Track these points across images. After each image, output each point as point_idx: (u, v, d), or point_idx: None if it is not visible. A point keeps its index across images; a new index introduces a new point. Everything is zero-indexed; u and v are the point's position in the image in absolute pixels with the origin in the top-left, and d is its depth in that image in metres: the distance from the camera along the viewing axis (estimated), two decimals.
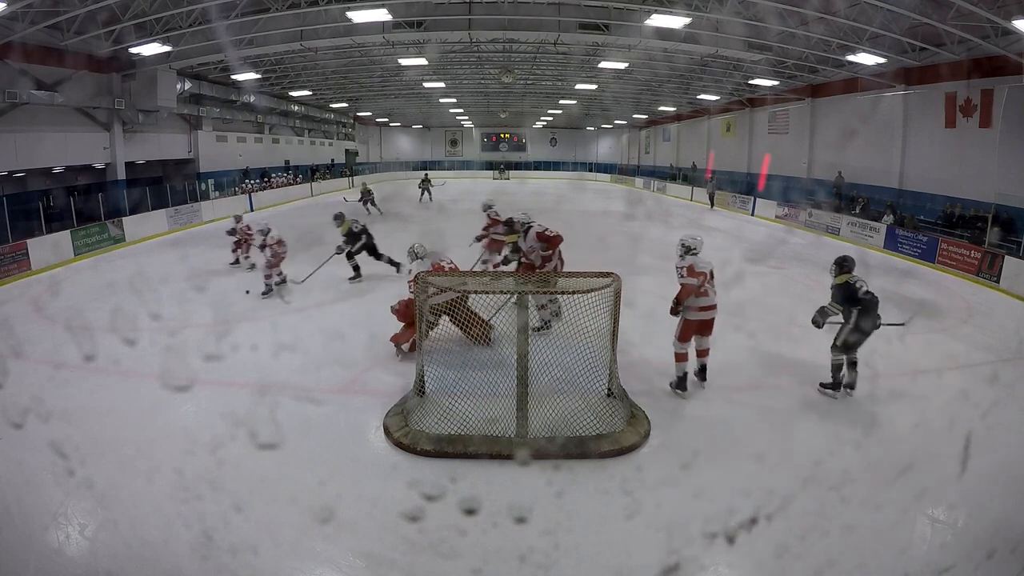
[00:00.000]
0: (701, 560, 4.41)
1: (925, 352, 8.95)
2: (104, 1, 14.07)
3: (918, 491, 5.19)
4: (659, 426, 6.26)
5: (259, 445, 5.88)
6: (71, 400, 6.97)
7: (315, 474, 5.45)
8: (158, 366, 8.06)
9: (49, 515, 4.77)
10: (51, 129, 18.82)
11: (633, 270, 11.53)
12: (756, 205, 26.98)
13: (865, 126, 22.23)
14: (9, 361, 8.23)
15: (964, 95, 17.28)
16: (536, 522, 4.80)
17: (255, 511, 4.91)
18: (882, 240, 18.49)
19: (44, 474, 5.31)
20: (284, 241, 12.01)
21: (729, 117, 33.34)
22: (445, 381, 6.60)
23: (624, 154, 53.86)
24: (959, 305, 12.22)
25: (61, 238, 15.65)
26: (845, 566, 4.30)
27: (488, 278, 7.39)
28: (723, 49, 18.89)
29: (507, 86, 29.23)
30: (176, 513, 4.81)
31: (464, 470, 5.51)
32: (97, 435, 6.10)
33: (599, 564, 4.38)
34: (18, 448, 5.65)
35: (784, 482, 5.37)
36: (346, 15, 16.18)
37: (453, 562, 4.38)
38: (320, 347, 8.69)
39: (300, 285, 12.25)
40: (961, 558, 4.39)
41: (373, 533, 4.68)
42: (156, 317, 10.28)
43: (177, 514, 4.79)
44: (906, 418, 6.66)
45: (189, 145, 26.83)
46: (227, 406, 6.82)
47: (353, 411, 6.76)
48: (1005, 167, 15.65)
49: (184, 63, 20.72)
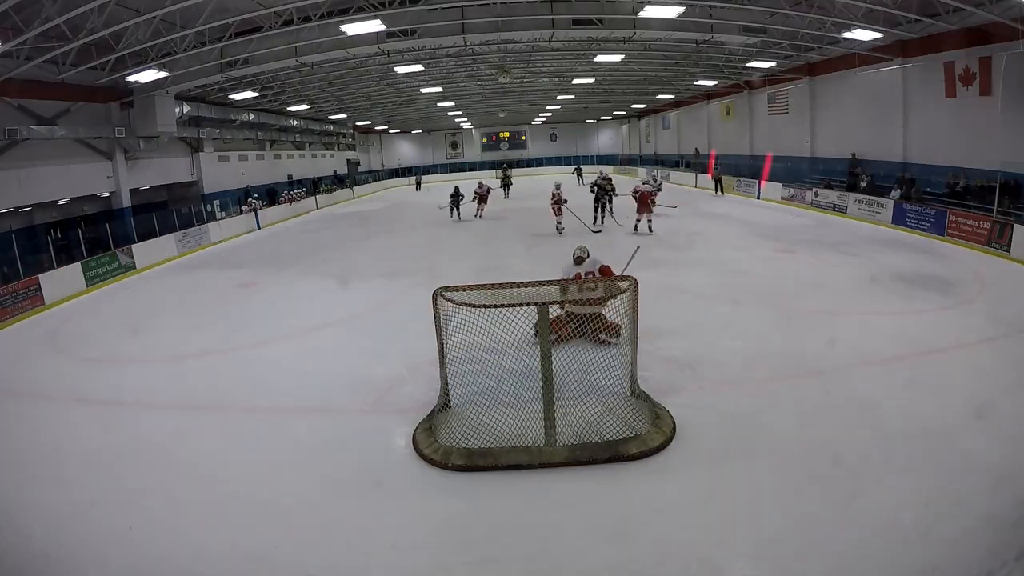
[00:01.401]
0: (734, 561, 4.46)
1: (941, 329, 8.92)
2: (98, 32, 14.10)
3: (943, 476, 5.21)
4: (684, 424, 6.28)
5: (294, 468, 5.95)
6: (104, 437, 7.05)
7: (350, 495, 5.52)
8: (185, 393, 8.16)
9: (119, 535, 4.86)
10: (53, 162, 18.90)
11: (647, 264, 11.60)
12: (761, 188, 26.87)
13: (865, 101, 22.13)
14: (38, 402, 8.33)
15: (963, 64, 17.14)
16: (573, 531, 4.84)
17: (300, 533, 4.98)
18: (890, 216, 18.39)
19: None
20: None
21: (728, 101, 33.23)
22: (469, 393, 6.63)
23: (625, 145, 53.83)
24: (969, 277, 12.13)
25: (72, 270, 15.75)
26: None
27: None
28: (718, 35, 18.83)
29: (504, 86, 29.20)
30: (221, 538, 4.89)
31: (498, 482, 5.55)
32: (133, 467, 6.17)
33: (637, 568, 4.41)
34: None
35: (808, 474, 5.39)
36: (340, 28, 16.20)
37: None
38: (344, 365, 8.77)
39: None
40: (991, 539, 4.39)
41: (420, 552, 4.73)
42: (175, 344, 10.38)
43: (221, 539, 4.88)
44: (926, 398, 6.66)
45: (192, 167, 26.94)
46: (256, 430, 6.91)
47: (381, 429, 6.79)
48: (1008, 134, 15.53)
49: (181, 87, 20.79)
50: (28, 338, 11.84)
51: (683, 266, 13.72)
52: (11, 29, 13.23)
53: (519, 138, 55.70)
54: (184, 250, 21.17)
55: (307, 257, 18.33)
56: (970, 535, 4.44)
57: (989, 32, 15.77)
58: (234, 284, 15.09)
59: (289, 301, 13.01)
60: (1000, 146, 15.66)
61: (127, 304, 14.25)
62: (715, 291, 11.60)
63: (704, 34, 18.70)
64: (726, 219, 21.17)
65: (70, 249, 16.99)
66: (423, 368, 7.98)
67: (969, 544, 4.35)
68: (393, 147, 55.10)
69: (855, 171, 21.95)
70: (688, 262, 14.19)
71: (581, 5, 17.09)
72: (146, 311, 13.32)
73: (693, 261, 14.33)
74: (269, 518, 5.17)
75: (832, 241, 16.27)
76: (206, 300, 13.84)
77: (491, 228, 18.95)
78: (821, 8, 16.81)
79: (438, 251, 17.60)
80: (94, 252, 17.09)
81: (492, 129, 54.41)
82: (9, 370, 9.91)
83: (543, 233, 18.69)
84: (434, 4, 16.11)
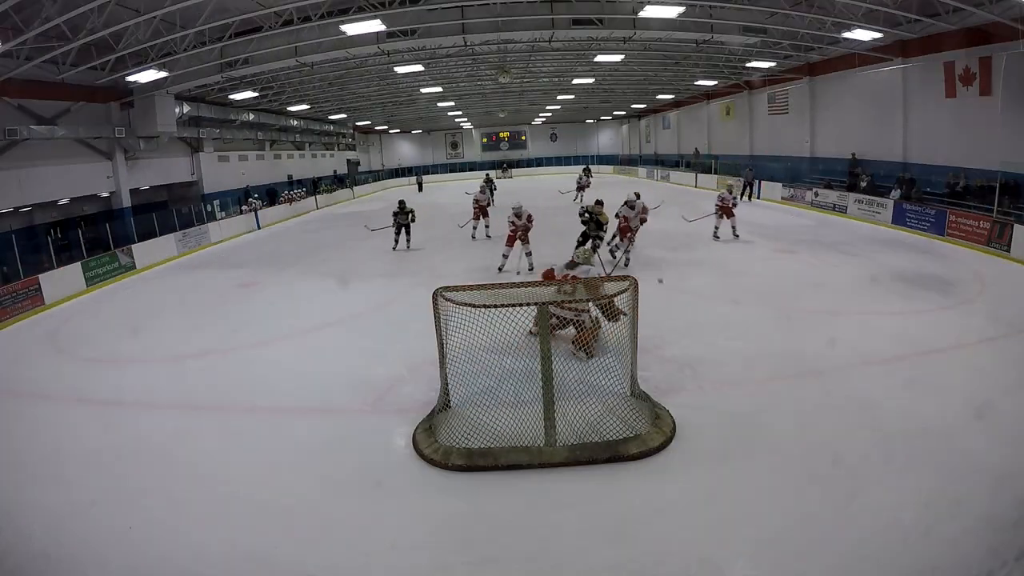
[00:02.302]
0: (734, 561, 4.46)
1: (941, 329, 8.92)
2: (98, 32, 14.10)
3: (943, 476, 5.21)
4: (684, 424, 6.28)
5: (294, 468, 5.95)
6: (104, 437, 7.05)
7: (350, 495, 5.52)
8: (185, 393, 8.16)
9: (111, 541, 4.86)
10: (53, 162, 18.91)
11: (647, 264, 11.61)
12: (761, 188, 26.86)
13: (865, 101, 22.13)
14: (38, 402, 8.33)
15: (963, 64, 17.15)
16: (573, 531, 4.84)
17: (300, 533, 4.98)
18: (890, 216, 18.40)
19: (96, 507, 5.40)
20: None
21: (728, 101, 33.26)
22: (469, 393, 6.64)
23: (625, 145, 53.85)
24: (969, 277, 12.14)
25: (72, 270, 15.74)
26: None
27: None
28: (718, 35, 18.84)
29: (504, 86, 29.21)
30: (221, 538, 4.90)
31: (498, 482, 5.56)
32: (133, 467, 6.17)
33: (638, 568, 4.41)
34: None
35: (808, 474, 5.39)
36: (340, 28, 16.21)
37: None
38: (344, 365, 8.77)
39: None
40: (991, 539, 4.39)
41: (420, 552, 4.73)
42: (176, 344, 10.37)
43: (221, 539, 4.89)
44: (926, 398, 6.66)
45: (192, 167, 26.94)
46: (256, 430, 6.91)
47: (381, 429, 6.79)
48: (1008, 134, 15.53)
49: (181, 87, 20.79)
50: (28, 338, 11.83)
51: (683, 266, 13.72)
52: (11, 29, 13.23)
53: (519, 138, 55.67)
54: (184, 250, 21.15)
55: (307, 257, 18.31)
56: (970, 535, 4.45)
57: (989, 32, 15.78)
58: (234, 284, 15.08)
59: (289, 301, 13.00)
60: (1000, 146, 15.67)
61: (127, 304, 14.23)
62: (715, 291, 11.60)
63: (704, 34, 18.70)
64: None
65: (70, 249, 16.98)
66: (423, 368, 7.98)
67: (969, 544, 4.35)
68: (393, 147, 55.11)
69: (855, 171, 21.96)
70: (688, 262, 14.18)
71: (581, 5, 17.10)
72: (146, 311, 13.31)
73: (693, 261, 14.32)
74: (269, 518, 5.17)
75: (832, 241, 16.27)
76: (206, 300, 13.82)
77: (492, 229, 18.85)
78: (821, 8, 16.83)
79: (438, 251, 17.58)
80: (94, 252, 17.08)
81: (492, 129, 54.38)
82: (9, 370, 9.90)
83: (543, 233, 18.66)
84: (434, 4, 16.11)
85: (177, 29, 15.33)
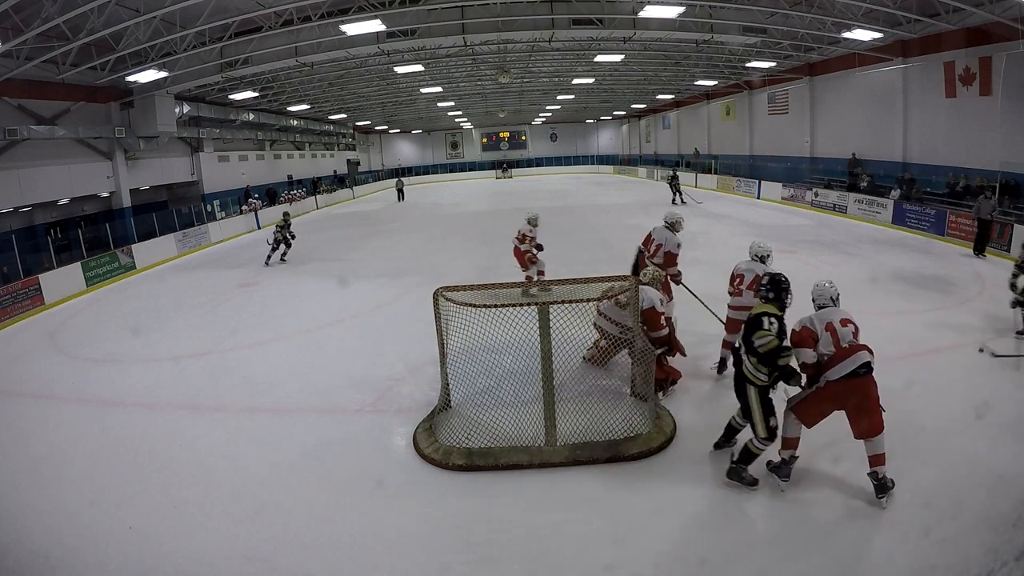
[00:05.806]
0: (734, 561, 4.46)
1: (941, 329, 8.91)
2: (98, 32, 14.09)
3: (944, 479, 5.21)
4: (685, 424, 6.28)
5: (294, 468, 5.95)
6: (104, 437, 7.05)
7: (350, 495, 5.51)
8: (185, 393, 8.15)
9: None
10: (54, 162, 18.91)
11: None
12: (761, 187, 26.88)
13: (865, 101, 22.13)
14: (38, 402, 8.33)
15: (963, 64, 17.15)
16: (573, 531, 4.84)
17: (300, 533, 4.98)
18: (890, 216, 18.40)
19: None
20: None
21: (728, 101, 33.26)
22: (470, 392, 6.65)
23: (625, 145, 53.86)
24: (969, 277, 12.13)
25: (72, 270, 15.76)
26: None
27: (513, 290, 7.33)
28: (718, 35, 18.85)
29: (504, 86, 29.22)
30: (221, 538, 4.90)
31: (498, 482, 5.55)
32: (132, 467, 6.16)
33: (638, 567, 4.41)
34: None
35: (807, 474, 5.39)
36: (340, 28, 16.21)
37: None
38: (344, 365, 8.77)
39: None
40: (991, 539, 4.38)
41: (420, 552, 4.73)
42: (175, 344, 10.37)
43: (221, 540, 4.89)
44: (926, 398, 6.65)
45: (192, 167, 26.93)
46: (256, 430, 6.91)
47: (382, 429, 6.79)
48: (1008, 134, 15.54)
49: (181, 87, 20.79)
50: (28, 338, 11.84)
51: (683, 266, 13.68)
52: (11, 29, 13.23)
53: (519, 138, 55.72)
54: (184, 250, 21.16)
55: (307, 257, 18.31)
56: (970, 535, 4.44)
57: (989, 32, 15.76)
58: (234, 284, 15.09)
59: (289, 301, 13.00)
60: (1000, 146, 15.68)
61: (127, 304, 14.23)
62: (715, 291, 11.56)
63: (704, 34, 18.72)
64: (726, 219, 21.14)
65: (70, 249, 17.00)
66: (423, 368, 7.99)
67: (969, 544, 4.35)
68: (393, 147, 55.15)
69: (855, 171, 21.96)
70: (688, 262, 14.12)
71: (581, 5, 17.10)
72: (146, 311, 13.31)
73: (693, 261, 14.27)
74: (269, 518, 5.17)
75: (832, 241, 16.27)
76: (206, 300, 13.80)
77: (491, 228, 18.85)
78: (821, 8, 16.83)
79: (438, 250, 17.57)
80: (94, 252, 17.10)
81: (492, 129, 54.42)
82: (9, 370, 9.90)
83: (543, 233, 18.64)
84: (434, 4, 16.12)
85: (177, 29, 15.33)
